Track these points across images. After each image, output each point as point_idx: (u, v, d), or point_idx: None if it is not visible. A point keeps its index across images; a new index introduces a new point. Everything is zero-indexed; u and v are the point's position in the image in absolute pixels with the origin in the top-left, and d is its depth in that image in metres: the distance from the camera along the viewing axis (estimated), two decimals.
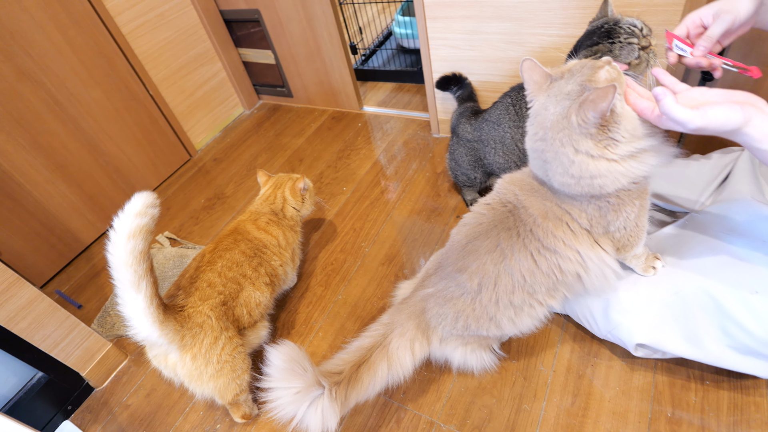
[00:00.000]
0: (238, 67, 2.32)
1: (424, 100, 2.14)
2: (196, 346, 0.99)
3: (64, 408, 1.28)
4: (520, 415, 1.03)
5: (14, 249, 1.60)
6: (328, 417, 0.89)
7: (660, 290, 0.93)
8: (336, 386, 0.91)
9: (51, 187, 1.67)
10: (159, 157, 2.04)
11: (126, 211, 0.88)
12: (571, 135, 0.75)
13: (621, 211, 0.83)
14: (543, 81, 0.81)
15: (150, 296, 0.88)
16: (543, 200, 0.88)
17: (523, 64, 0.82)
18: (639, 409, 0.98)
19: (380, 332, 1.00)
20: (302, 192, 1.36)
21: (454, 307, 0.97)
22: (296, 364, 0.90)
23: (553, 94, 0.78)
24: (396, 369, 0.97)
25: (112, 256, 0.85)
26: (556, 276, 0.89)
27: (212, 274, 1.09)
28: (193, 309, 1.01)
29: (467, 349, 1.05)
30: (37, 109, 1.59)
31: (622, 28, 0.97)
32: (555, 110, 0.77)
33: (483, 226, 0.95)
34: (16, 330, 1.13)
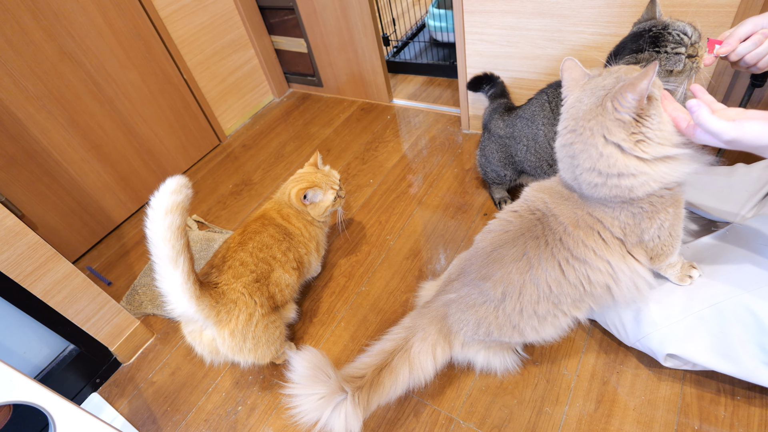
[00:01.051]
0: (270, 54, 2.33)
1: (455, 94, 2.12)
2: (232, 321, 1.02)
3: (93, 381, 1.33)
4: (542, 418, 1.02)
5: (50, 225, 1.66)
6: (351, 421, 0.90)
7: (696, 301, 0.90)
8: (358, 391, 0.92)
9: (86, 165, 1.72)
10: (189, 141, 2.08)
11: (162, 190, 0.91)
12: (604, 122, 0.74)
13: (655, 218, 0.81)
14: (581, 79, 0.81)
15: (187, 272, 0.91)
16: (574, 208, 0.86)
17: (565, 63, 0.83)
18: (665, 420, 0.97)
19: (402, 336, 1.00)
20: (305, 203, 1.27)
21: (476, 314, 0.96)
22: (320, 371, 0.92)
23: (590, 87, 0.78)
24: (417, 373, 0.98)
25: (150, 231, 0.88)
26: (584, 287, 0.88)
27: (244, 254, 1.11)
28: (227, 286, 1.04)
29: (490, 352, 1.05)
30: (76, 88, 1.63)
31: (671, 34, 0.92)
32: (589, 101, 0.76)
33: (509, 234, 0.93)
34: (52, 303, 1.17)
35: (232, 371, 1.27)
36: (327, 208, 1.28)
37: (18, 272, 1.08)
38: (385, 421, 1.09)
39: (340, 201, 1.32)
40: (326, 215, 1.31)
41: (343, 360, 1.23)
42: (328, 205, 1.28)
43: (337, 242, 1.57)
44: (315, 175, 1.30)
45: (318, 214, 1.28)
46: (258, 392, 1.21)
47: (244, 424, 1.15)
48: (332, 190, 1.28)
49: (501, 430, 1.02)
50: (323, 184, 1.28)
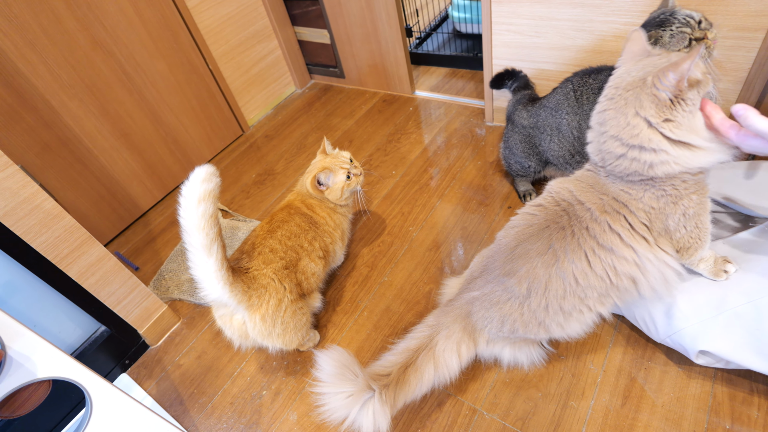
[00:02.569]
0: (293, 45, 2.34)
1: (478, 86, 2.10)
2: (263, 306, 1.04)
3: (122, 362, 1.37)
4: (567, 412, 1.01)
5: (81, 210, 1.70)
6: (379, 419, 0.91)
7: (732, 297, 0.89)
8: (385, 389, 0.93)
9: (116, 153, 1.76)
10: (214, 130, 2.10)
11: (192, 179, 0.92)
12: (640, 95, 0.75)
13: (678, 204, 0.80)
14: (640, 54, 0.80)
15: (221, 259, 0.93)
16: (600, 194, 0.85)
17: (633, 33, 0.82)
18: (694, 418, 0.95)
19: (426, 334, 1.01)
20: (321, 188, 1.27)
21: (501, 311, 0.96)
22: (347, 370, 0.93)
23: (642, 63, 0.78)
24: (442, 371, 0.98)
25: (184, 220, 0.89)
26: (610, 279, 0.86)
27: (273, 241, 1.13)
28: (257, 272, 1.06)
29: (515, 347, 1.04)
30: (107, 78, 1.66)
31: (677, 18, 0.99)
32: (636, 74, 0.77)
33: (534, 227, 0.92)
34: (86, 285, 1.21)
35: (257, 356, 1.30)
36: (343, 189, 1.28)
37: (55, 254, 1.11)
38: (408, 410, 1.09)
39: (357, 179, 1.30)
40: (345, 197, 1.30)
41: (366, 348, 1.24)
42: (342, 185, 1.27)
43: (359, 232, 1.58)
44: (324, 161, 1.31)
45: (336, 197, 1.29)
46: (282, 378, 1.23)
47: (269, 408, 1.17)
48: (342, 170, 1.27)
49: (525, 423, 1.02)
50: (332, 165, 1.28)
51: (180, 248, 1.69)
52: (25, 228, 1.04)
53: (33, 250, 1.08)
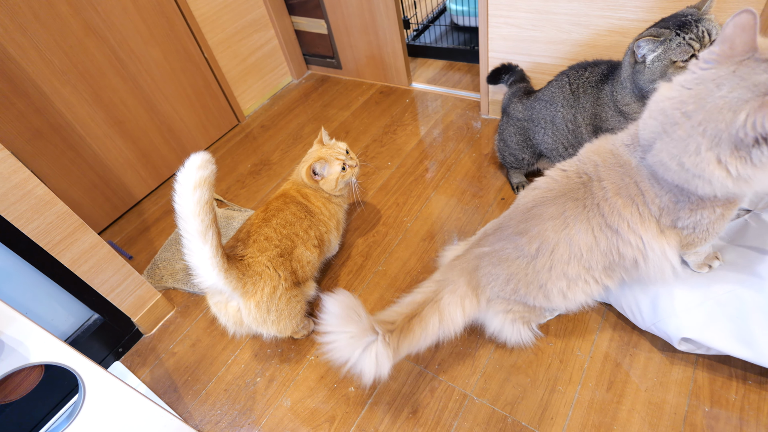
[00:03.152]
0: (290, 35, 2.33)
1: (474, 79, 2.11)
2: (258, 293, 1.05)
3: (116, 350, 1.37)
4: (554, 396, 1.04)
5: (73, 199, 1.69)
6: (382, 361, 0.91)
7: (716, 287, 0.91)
8: (389, 333, 0.93)
9: (109, 141, 1.75)
10: (209, 120, 2.10)
11: (188, 165, 0.92)
12: (721, 134, 0.64)
13: (696, 212, 0.79)
14: (742, 51, 0.64)
15: (216, 245, 0.94)
16: (623, 176, 0.84)
17: (740, 15, 0.64)
18: (676, 402, 0.98)
19: (432, 289, 1.02)
20: (316, 178, 1.28)
21: (508, 269, 0.97)
22: (351, 311, 0.93)
23: (739, 74, 0.63)
24: (447, 324, 0.99)
25: (180, 206, 0.90)
26: (613, 256, 0.88)
27: (268, 230, 1.14)
28: (252, 259, 1.07)
29: (507, 317, 1.04)
30: (100, 64, 1.65)
31: (697, 27, 0.96)
32: (725, 94, 0.63)
33: (553, 192, 0.93)
34: (79, 272, 1.21)
35: (251, 344, 1.31)
36: (337, 180, 1.28)
37: (47, 240, 1.11)
38: (401, 395, 1.11)
39: (352, 171, 1.31)
40: (340, 188, 1.31)
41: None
42: (337, 176, 1.28)
43: (354, 222, 1.59)
44: (320, 151, 1.31)
45: (331, 188, 1.29)
46: (277, 365, 1.24)
47: (263, 395, 1.19)
48: (338, 161, 1.28)
49: (514, 407, 1.04)
50: (328, 156, 1.28)
51: (174, 237, 1.69)
52: (16, 214, 1.04)
53: (25, 236, 1.08)
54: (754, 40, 0.63)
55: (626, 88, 1.09)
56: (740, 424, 0.93)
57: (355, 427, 1.08)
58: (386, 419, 1.08)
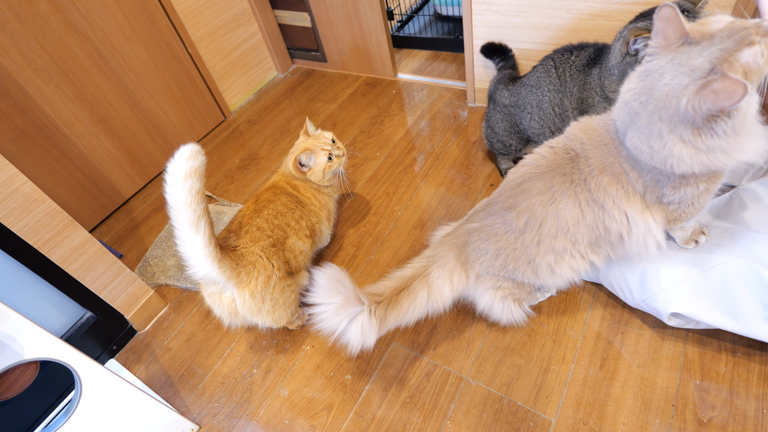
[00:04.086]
0: (273, 29, 2.31)
1: (459, 68, 2.11)
2: (252, 283, 1.05)
3: (110, 347, 1.36)
4: (548, 376, 1.06)
5: (60, 199, 1.67)
6: (367, 332, 0.93)
7: (701, 261, 0.93)
8: (376, 305, 0.95)
9: (94, 140, 1.72)
10: (195, 116, 2.08)
11: (177, 157, 0.92)
12: (673, 117, 0.69)
13: (680, 189, 0.81)
14: (675, 39, 0.69)
15: (208, 236, 0.94)
16: (607, 155, 0.86)
17: (662, 10, 0.69)
18: (667, 377, 1.00)
19: (422, 264, 1.04)
20: (303, 169, 1.28)
21: (497, 243, 0.98)
22: (338, 283, 0.95)
23: (678, 61, 0.68)
24: (435, 297, 1.01)
25: (171, 197, 0.90)
26: (599, 230, 0.90)
27: (260, 220, 1.14)
28: (245, 249, 1.08)
29: (497, 294, 1.06)
30: (82, 62, 1.62)
31: (696, 18, 0.96)
32: (669, 82, 0.68)
33: (541, 168, 0.95)
34: (70, 270, 1.20)
35: (246, 336, 1.31)
36: (324, 170, 1.28)
37: (37, 239, 1.10)
38: (397, 381, 1.12)
39: (339, 160, 1.30)
40: (328, 178, 1.31)
41: None
42: (323, 167, 1.28)
43: (345, 213, 1.60)
44: (306, 142, 1.31)
45: (318, 178, 1.29)
46: (272, 356, 1.24)
47: (260, 386, 1.19)
48: (323, 151, 1.27)
49: (509, 388, 1.06)
50: (314, 147, 1.28)
51: (164, 234, 1.68)
52: (4, 212, 1.03)
53: (14, 234, 1.06)
54: (681, 27, 0.68)
55: (613, 75, 1.10)
56: (730, 395, 0.95)
57: (353, 414, 1.09)
58: (383, 405, 1.09)
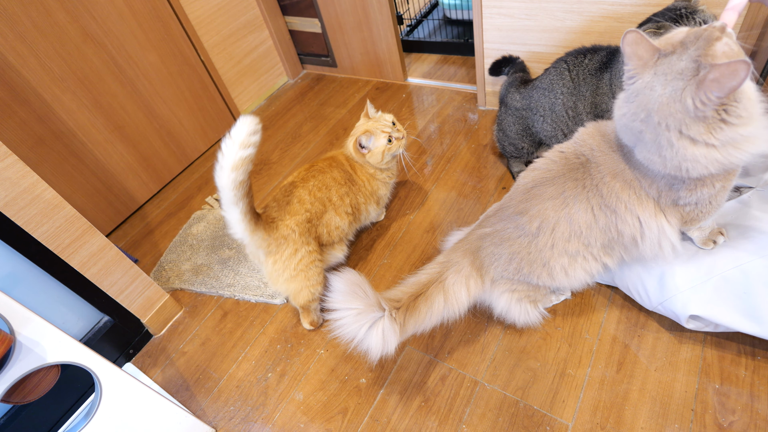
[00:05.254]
0: (284, 35, 2.34)
1: (470, 72, 2.12)
2: (278, 253, 1.16)
3: (126, 351, 1.38)
4: (565, 379, 1.05)
5: (77, 204, 1.70)
6: (389, 337, 0.92)
7: (721, 263, 0.92)
8: (395, 310, 0.95)
9: (110, 146, 1.75)
10: (208, 122, 2.10)
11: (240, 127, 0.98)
12: (684, 119, 0.69)
13: (696, 191, 0.81)
14: (649, 56, 0.73)
15: (244, 211, 1.06)
16: (617, 162, 0.87)
17: (627, 36, 0.73)
18: (686, 381, 0.99)
19: (436, 270, 1.03)
20: (363, 151, 1.30)
21: (510, 248, 0.98)
22: (358, 288, 0.94)
23: (662, 72, 0.71)
24: (452, 303, 1.01)
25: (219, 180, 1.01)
26: (612, 233, 0.90)
27: (303, 191, 1.21)
28: (281, 222, 1.17)
29: (513, 297, 1.05)
30: (99, 70, 1.66)
31: (695, 19, 0.99)
32: (664, 91, 0.70)
33: (552, 173, 0.95)
34: (88, 275, 1.22)
35: (260, 341, 1.32)
36: (383, 152, 1.29)
37: (57, 244, 1.12)
38: (412, 384, 1.12)
39: (399, 143, 1.31)
40: (386, 161, 1.32)
41: None
42: (383, 149, 1.29)
43: None
44: (366, 124, 1.34)
45: (377, 161, 1.30)
46: (287, 360, 1.25)
47: (275, 389, 1.19)
48: (383, 133, 1.28)
49: (525, 392, 1.05)
50: (374, 128, 1.29)
51: (179, 239, 1.70)
52: (26, 218, 1.05)
53: (34, 240, 1.08)
54: (651, 45, 0.72)
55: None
56: (751, 399, 0.94)
57: (368, 417, 1.09)
58: (398, 409, 1.09)
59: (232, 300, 1.45)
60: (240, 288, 1.46)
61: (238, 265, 1.53)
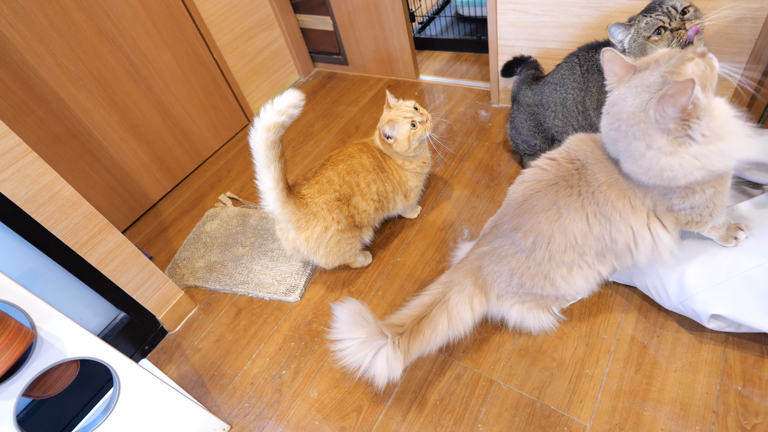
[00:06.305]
0: (295, 33, 2.34)
1: (482, 69, 2.10)
2: (309, 230, 1.20)
3: (142, 348, 1.39)
4: (582, 380, 1.04)
5: (92, 202, 1.72)
6: (393, 364, 0.94)
7: (742, 261, 0.90)
8: (399, 336, 0.96)
9: (125, 144, 1.77)
10: (220, 120, 2.11)
11: (271, 107, 1.05)
12: (647, 130, 0.74)
13: (687, 198, 0.82)
14: (625, 73, 0.79)
15: (276, 178, 1.10)
16: (612, 171, 0.87)
17: (604, 54, 0.80)
18: (707, 382, 0.97)
19: (439, 290, 1.04)
20: (389, 141, 1.29)
21: (509, 264, 0.98)
22: (359, 317, 0.96)
23: (634, 85, 0.76)
24: (456, 323, 1.01)
25: (252, 141, 1.07)
26: (605, 241, 0.90)
27: (333, 173, 1.23)
28: (311, 199, 1.20)
29: (524, 307, 1.06)
30: (114, 68, 1.67)
31: (661, 7, 1.04)
32: (633, 102, 0.76)
33: (542, 183, 0.95)
34: (105, 271, 1.23)
35: (274, 338, 1.32)
36: (409, 138, 1.27)
37: (75, 241, 1.13)
38: (427, 383, 1.12)
39: (423, 126, 1.28)
40: (414, 147, 1.29)
41: None
42: (407, 135, 1.27)
43: None
44: (389, 114, 1.32)
45: (404, 148, 1.29)
46: (301, 357, 1.25)
47: (290, 387, 1.20)
48: (405, 119, 1.27)
49: (542, 392, 1.04)
50: (395, 117, 1.28)
51: (192, 237, 1.71)
52: (45, 215, 1.06)
53: (53, 237, 1.10)
54: (625, 62, 0.79)
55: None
56: None
57: (383, 415, 1.09)
58: (413, 407, 1.09)
59: (245, 297, 1.46)
60: (254, 285, 1.46)
61: (251, 263, 1.54)
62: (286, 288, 1.42)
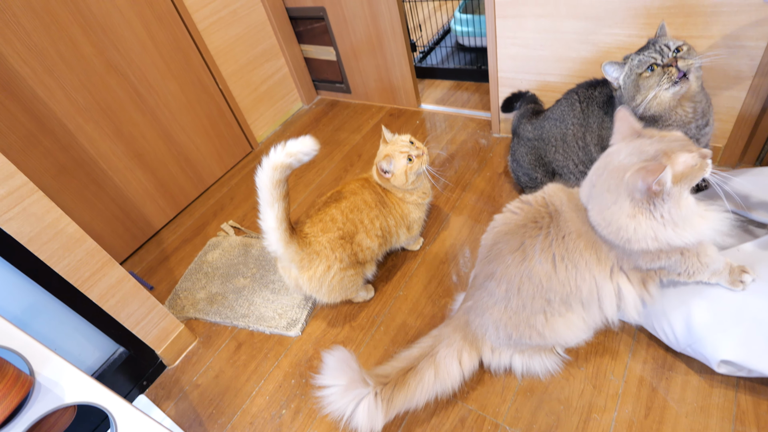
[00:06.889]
0: (299, 62, 2.37)
1: (483, 98, 2.12)
2: (312, 269, 1.20)
3: (140, 383, 1.37)
4: (590, 424, 1.01)
5: (95, 231, 1.72)
6: (373, 415, 0.93)
7: (751, 305, 0.89)
8: (382, 386, 0.95)
9: (129, 173, 1.78)
10: (224, 148, 2.13)
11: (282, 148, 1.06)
12: (619, 188, 0.78)
13: (654, 261, 0.83)
14: (630, 134, 0.83)
15: (280, 218, 1.10)
16: (583, 222, 0.88)
17: (619, 112, 0.86)
18: (720, 428, 0.95)
19: (429, 344, 1.04)
20: (386, 175, 1.29)
21: (491, 317, 0.98)
22: (344, 363, 0.97)
23: (633, 146, 0.80)
24: (443, 377, 1.00)
25: (259, 180, 1.08)
26: (570, 287, 0.89)
27: (336, 211, 1.23)
28: (314, 238, 1.20)
29: (525, 356, 1.05)
30: (121, 99, 1.69)
31: (654, 46, 1.06)
32: (623, 160, 0.79)
33: (510, 225, 0.95)
34: (106, 307, 1.22)
35: (274, 375, 1.30)
36: (406, 172, 1.27)
37: (77, 277, 1.13)
38: (430, 426, 1.09)
39: (419, 160, 1.28)
40: (412, 180, 1.29)
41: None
42: (404, 169, 1.27)
43: None
44: (385, 149, 1.33)
45: (402, 182, 1.29)
46: (301, 396, 1.23)
47: (289, 427, 1.17)
48: (401, 154, 1.27)
49: None
50: (392, 152, 1.29)
51: (194, 266, 1.71)
52: (48, 252, 1.06)
53: (56, 273, 1.09)
54: (633, 126, 0.83)
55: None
56: None
57: None
58: None
59: (246, 331, 1.44)
60: (254, 319, 1.45)
61: (252, 295, 1.53)
62: (287, 322, 1.41)
